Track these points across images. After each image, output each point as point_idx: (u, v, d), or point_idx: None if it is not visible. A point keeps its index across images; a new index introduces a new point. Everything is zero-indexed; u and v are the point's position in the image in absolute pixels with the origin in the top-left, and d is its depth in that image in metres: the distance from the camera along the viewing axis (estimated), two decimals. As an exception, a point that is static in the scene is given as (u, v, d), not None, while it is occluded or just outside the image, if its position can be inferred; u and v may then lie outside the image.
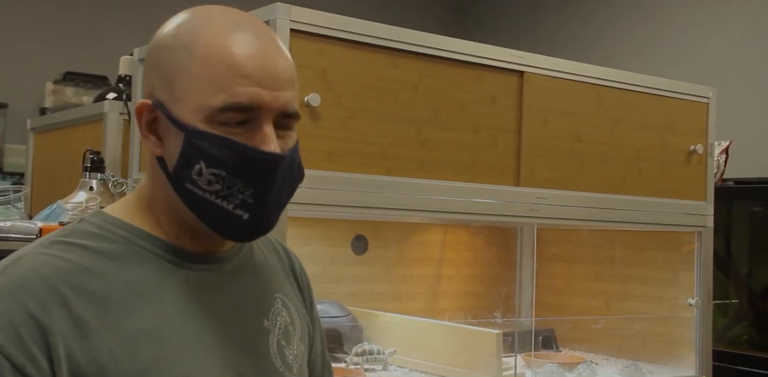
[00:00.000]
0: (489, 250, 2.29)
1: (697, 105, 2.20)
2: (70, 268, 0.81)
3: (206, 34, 0.83)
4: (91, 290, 0.80)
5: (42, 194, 2.46)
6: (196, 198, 0.84)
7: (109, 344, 0.78)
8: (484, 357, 1.85)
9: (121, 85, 2.46)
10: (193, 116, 0.82)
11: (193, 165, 0.82)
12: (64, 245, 0.83)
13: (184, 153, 0.82)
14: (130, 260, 0.85)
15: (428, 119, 1.72)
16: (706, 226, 2.19)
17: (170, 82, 0.84)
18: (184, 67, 0.83)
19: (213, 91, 0.81)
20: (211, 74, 0.82)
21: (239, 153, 0.82)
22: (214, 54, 0.82)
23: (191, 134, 0.82)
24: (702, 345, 2.16)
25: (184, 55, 0.83)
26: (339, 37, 1.60)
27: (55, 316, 0.77)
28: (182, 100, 0.83)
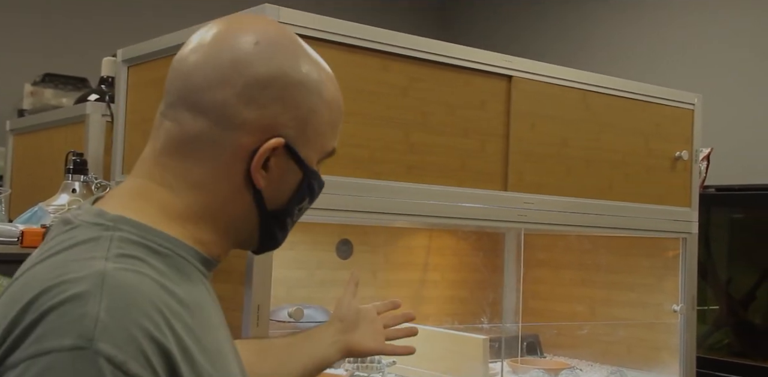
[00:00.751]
0: (475, 255, 2.28)
1: (682, 111, 2.21)
2: (155, 286, 0.74)
3: (326, 77, 0.87)
4: (175, 308, 0.74)
5: (22, 196, 2.41)
6: (284, 228, 0.90)
7: (204, 364, 0.74)
8: (470, 362, 1.84)
9: (104, 87, 2.43)
10: (313, 157, 0.87)
11: (302, 202, 0.88)
12: (131, 259, 0.75)
13: (301, 192, 0.87)
14: (181, 273, 0.79)
15: (417, 123, 1.71)
16: (691, 232, 2.20)
17: (305, 122, 0.84)
18: (318, 111, 0.85)
19: (332, 135, 0.88)
20: (334, 120, 0.87)
21: (321, 189, 0.90)
22: (335, 99, 0.87)
23: (312, 175, 0.87)
24: (686, 351, 2.16)
25: (317, 99, 0.85)
26: (328, 39, 1.58)
27: (169, 338, 0.71)
28: (312, 142, 0.85)
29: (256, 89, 0.81)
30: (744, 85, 3.61)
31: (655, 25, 4.08)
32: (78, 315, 0.67)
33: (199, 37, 0.86)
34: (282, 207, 0.86)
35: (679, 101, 2.20)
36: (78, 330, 0.66)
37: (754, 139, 3.53)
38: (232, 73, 0.81)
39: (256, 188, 0.84)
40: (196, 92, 0.82)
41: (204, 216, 0.84)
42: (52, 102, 3.45)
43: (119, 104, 1.93)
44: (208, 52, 0.83)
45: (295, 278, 2.07)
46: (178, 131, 0.83)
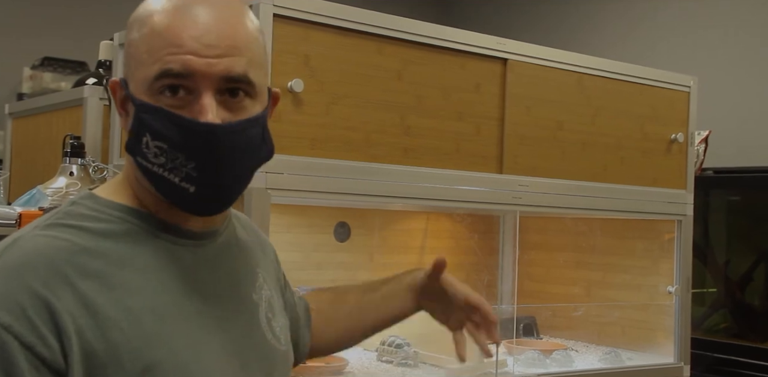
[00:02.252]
0: (471, 238, 2.29)
1: (678, 94, 2.21)
2: (70, 248, 0.81)
3: (156, 11, 0.85)
4: (93, 269, 0.80)
5: (20, 179, 2.43)
6: (148, 171, 0.84)
7: (117, 321, 0.79)
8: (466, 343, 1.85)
9: (101, 70, 2.43)
10: (139, 89, 0.84)
11: (142, 138, 0.83)
12: (61, 227, 0.83)
13: (134, 126, 0.84)
14: (128, 239, 0.85)
15: (412, 106, 1.72)
16: (686, 214, 2.21)
17: (127, 59, 0.87)
18: (134, 44, 0.85)
19: (151, 62, 0.83)
20: (151, 47, 0.83)
21: (175, 124, 0.82)
22: (156, 28, 0.84)
23: (139, 107, 0.83)
24: (681, 332, 2.18)
25: (136, 33, 0.86)
26: (323, 22, 1.59)
27: (60, 295, 0.77)
28: (134, 75, 0.85)
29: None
30: (743, 68, 3.60)
31: (651, 8, 4.06)
32: None
33: None
34: (127, 144, 0.86)
35: (674, 84, 2.20)
36: None
37: (752, 121, 3.53)
38: None
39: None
40: None
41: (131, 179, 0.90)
42: (51, 86, 3.46)
43: (116, 88, 1.93)
44: None
45: (292, 261, 2.09)
46: None
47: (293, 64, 1.54)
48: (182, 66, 0.82)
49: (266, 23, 1.49)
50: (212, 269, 0.91)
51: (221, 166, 0.83)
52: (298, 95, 1.54)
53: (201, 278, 0.89)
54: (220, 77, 0.83)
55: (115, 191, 0.90)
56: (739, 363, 2.71)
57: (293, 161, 1.53)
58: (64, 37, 3.98)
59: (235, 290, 0.94)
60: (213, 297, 0.89)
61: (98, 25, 3.53)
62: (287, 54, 1.54)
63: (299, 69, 1.55)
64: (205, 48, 0.82)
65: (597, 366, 2.05)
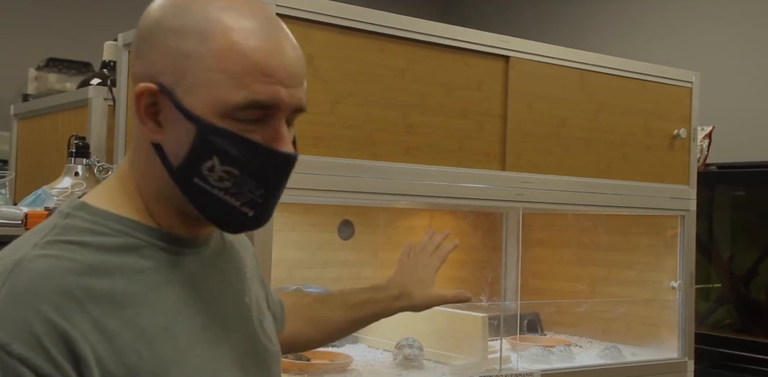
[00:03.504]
0: (475, 235, 2.30)
1: (680, 90, 2.22)
2: (76, 268, 0.76)
3: (221, 24, 0.79)
4: (101, 289, 0.77)
5: (26, 180, 2.44)
6: (203, 193, 0.82)
7: (133, 344, 0.76)
8: (469, 340, 1.86)
9: (106, 71, 2.45)
10: (208, 109, 0.79)
11: (205, 161, 0.80)
12: (61, 244, 0.78)
13: (197, 148, 0.80)
14: (130, 253, 0.81)
15: (415, 104, 1.73)
16: (689, 210, 2.21)
17: (180, 70, 0.80)
18: (197, 58, 0.79)
19: (233, 86, 0.79)
20: (229, 69, 0.78)
21: (256, 154, 0.80)
22: (233, 46, 0.79)
23: (207, 129, 0.79)
24: (685, 327, 2.19)
25: (196, 45, 0.79)
26: (325, 21, 1.59)
27: (75, 322, 0.73)
28: (195, 92, 0.79)
29: (140, 42, 0.84)
30: (746, 63, 3.59)
31: (653, 4, 4.05)
32: None
33: None
34: (182, 164, 0.81)
35: (677, 80, 2.20)
36: None
37: (756, 117, 3.52)
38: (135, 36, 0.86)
39: (155, 144, 0.82)
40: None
41: (142, 187, 0.86)
42: (56, 86, 3.46)
43: (121, 88, 1.94)
44: None
45: (297, 259, 2.10)
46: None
47: (296, 63, 1.55)
48: (272, 98, 0.80)
49: (269, 23, 1.50)
50: (210, 276, 0.89)
51: (281, 191, 0.85)
52: (300, 94, 1.54)
53: (201, 288, 0.87)
54: (295, 109, 0.83)
55: (112, 200, 0.85)
56: (743, 358, 2.71)
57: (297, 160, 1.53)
58: (68, 38, 4.00)
59: (230, 295, 0.92)
60: (215, 306, 0.88)
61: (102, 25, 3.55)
62: (290, 53, 1.54)
63: (302, 68, 1.55)
64: (289, 78, 0.81)
65: (597, 362, 2.05)
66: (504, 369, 1.86)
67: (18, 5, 4.06)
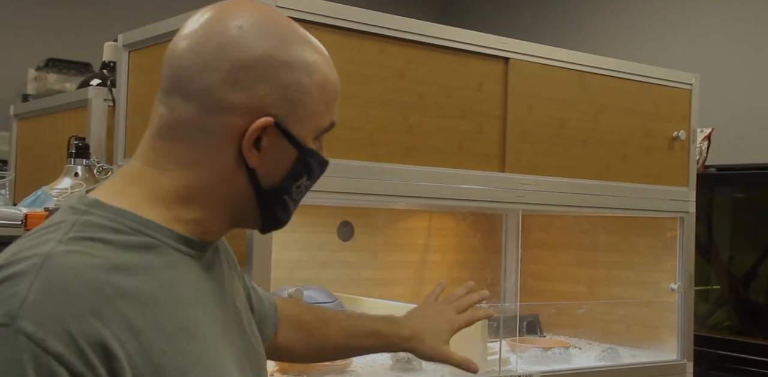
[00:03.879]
0: (474, 236, 2.30)
1: (680, 91, 2.22)
2: (104, 265, 0.77)
3: (316, 58, 0.88)
4: (128, 287, 0.77)
5: (26, 180, 2.44)
6: (283, 206, 0.91)
7: (159, 343, 0.77)
8: (469, 342, 1.86)
9: (105, 72, 2.45)
10: (309, 135, 0.89)
11: (299, 180, 0.90)
12: (86, 241, 0.78)
13: (297, 169, 0.89)
14: (150, 252, 0.82)
15: (414, 105, 1.73)
16: (688, 212, 2.21)
17: (294, 102, 0.86)
18: (308, 91, 0.87)
19: (326, 112, 0.90)
20: (327, 99, 0.89)
21: (324, 167, 0.92)
22: (327, 80, 0.89)
23: (307, 153, 0.88)
24: (684, 329, 2.19)
25: (306, 79, 0.86)
26: (325, 23, 1.59)
27: (107, 320, 0.74)
28: (304, 121, 0.87)
29: (240, 72, 0.83)
30: (746, 65, 3.60)
31: (652, 6, 4.06)
32: (9, 294, 0.72)
33: (188, 25, 0.88)
34: (278, 185, 0.88)
35: (676, 81, 2.20)
36: (6, 308, 0.71)
37: (755, 118, 3.53)
38: (217, 58, 0.84)
39: (250, 167, 0.86)
40: (185, 79, 0.85)
41: (193, 197, 0.86)
42: (55, 87, 3.46)
43: (120, 89, 1.94)
44: (194, 39, 0.86)
45: (297, 260, 2.10)
46: (171, 116, 0.86)
47: (296, 64, 1.55)
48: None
49: (268, 24, 1.50)
50: (210, 279, 0.90)
51: None
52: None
53: (206, 290, 0.89)
54: None
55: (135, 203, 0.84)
56: (743, 360, 2.71)
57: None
58: (68, 39, 4.00)
59: (226, 298, 0.94)
60: (216, 308, 0.89)
61: (101, 26, 3.55)
62: (290, 54, 1.54)
63: (302, 69, 1.55)
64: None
65: (594, 364, 2.05)
66: (503, 371, 1.85)
67: (18, 5, 4.07)
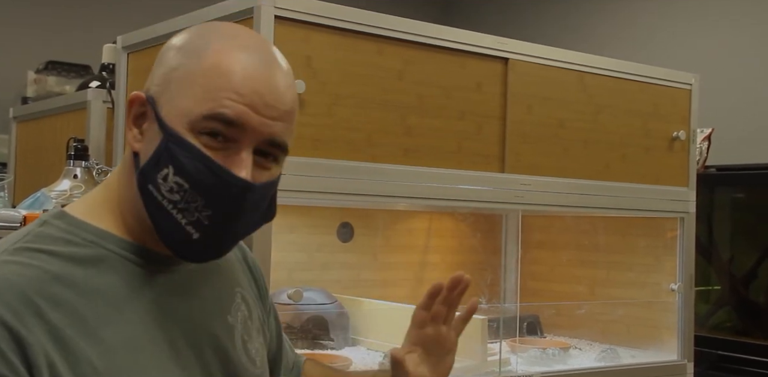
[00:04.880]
0: (474, 237, 2.30)
1: (679, 92, 2.22)
2: (41, 277, 0.77)
3: (219, 47, 0.83)
4: (64, 299, 0.77)
5: (25, 183, 2.44)
6: (154, 201, 0.82)
7: (88, 355, 0.76)
8: (469, 342, 1.86)
9: (104, 74, 2.45)
10: (178, 119, 0.81)
11: (162, 168, 0.81)
12: (30, 252, 0.80)
13: (157, 153, 0.81)
14: (100, 265, 0.82)
15: (413, 106, 1.73)
16: (689, 212, 2.21)
17: (167, 81, 0.83)
18: (185, 72, 0.83)
19: (204, 99, 0.81)
20: (208, 84, 0.81)
21: (208, 169, 0.80)
22: (218, 65, 0.82)
23: (170, 136, 0.81)
24: (684, 329, 2.18)
25: (189, 60, 0.83)
26: (324, 24, 1.59)
27: (31, 328, 0.74)
28: (173, 102, 0.82)
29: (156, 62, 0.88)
30: (746, 66, 3.60)
31: (651, 6, 4.06)
32: None
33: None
34: (142, 168, 0.82)
35: (676, 81, 2.20)
36: None
37: (755, 119, 3.52)
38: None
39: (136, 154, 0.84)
40: None
41: (122, 199, 0.87)
42: (55, 89, 3.47)
43: (119, 91, 1.94)
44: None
45: (296, 261, 2.09)
46: None
47: (294, 65, 1.51)
48: (237, 115, 0.80)
49: (267, 25, 1.50)
50: (185, 294, 0.88)
51: (234, 221, 0.83)
52: (299, 96, 1.54)
53: (173, 305, 0.86)
54: (265, 139, 0.83)
55: (90, 211, 0.86)
56: (743, 361, 2.71)
57: (295, 162, 1.54)
58: (67, 41, 4.00)
59: (209, 315, 0.91)
60: (185, 324, 0.87)
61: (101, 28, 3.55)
62: (288, 55, 1.52)
63: (301, 70, 1.55)
64: (264, 107, 0.82)
65: (594, 364, 2.05)
66: (503, 372, 1.85)
67: (17, 8, 4.07)
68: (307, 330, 1.92)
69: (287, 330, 1.89)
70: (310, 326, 1.93)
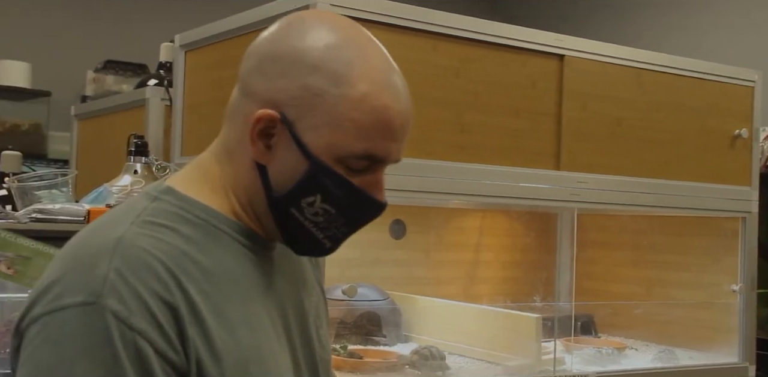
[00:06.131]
0: (528, 235, 2.28)
1: (741, 89, 2.16)
2: (173, 251, 0.79)
3: (361, 74, 0.81)
4: (194, 274, 0.79)
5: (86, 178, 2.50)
6: (295, 222, 0.85)
7: (218, 331, 0.78)
8: (523, 341, 1.85)
9: (162, 72, 2.49)
10: (325, 150, 0.81)
11: (308, 196, 0.83)
12: (157, 227, 0.81)
13: (305, 183, 0.83)
14: (215, 244, 0.84)
15: (468, 103, 1.72)
16: (751, 211, 2.16)
17: (310, 107, 0.81)
18: (332, 101, 0.81)
19: (357, 137, 0.81)
20: (360, 120, 0.81)
21: (357, 199, 0.84)
22: (369, 102, 0.81)
23: (320, 168, 0.82)
24: (746, 331, 2.13)
25: (333, 89, 0.81)
26: (379, 21, 1.60)
27: (178, 299, 0.76)
28: (320, 131, 0.81)
29: (267, 62, 0.84)
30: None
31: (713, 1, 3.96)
32: (91, 275, 0.75)
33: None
34: (286, 193, 0.83)
35: (737, 78, 2.15)
36: (89, 288, 0.74)
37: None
38: (257, 47, 0.86)
39: (260, 164, 0.85)
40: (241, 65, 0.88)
41: (234, 186, 0.88)
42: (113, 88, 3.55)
43: (177, 88, 1.98)
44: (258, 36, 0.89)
45: (348, 258, 2.10)
46: (230, 101, 0.89)
47: (350, 62, 1.55)
48: (386, 154, 0.83)
49: (323, 22, 1.51)
50: (277, 277, 0.91)
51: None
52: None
53: (271, 287, 0.89)
54: (397, 161, 0.87)
55: (194, 188, 0.87)
56: (806, 365, 2.63)
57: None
58: (125, 41, 4.09)
59: (293, 298, 0.93)
60: (280, 307, 0.89)
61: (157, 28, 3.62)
62: (344, 52, 1.55)
63: (356, 67, 1.55)
64: (403, 134, 0.85)
65: (650, 366, 2.02)
66: (558, 371, 1.83)
67: (77, 10, 4.17)
68: (361, 325, 1.93)
69: (340, 325, 1.90)
70: (364, 321, 1.93)
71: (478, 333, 1.89)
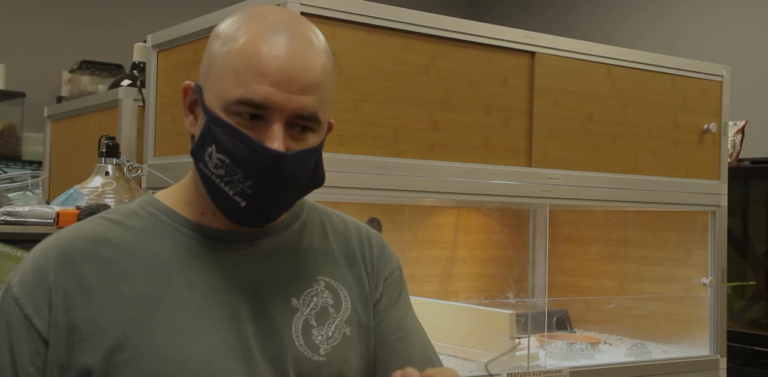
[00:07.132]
0: (502, 232, 2.29)
1: (710, 84, 2.19)
2: (90, 237, 0.92)
3: (246, 31, 0.90)
4: (101, 256, 0.91)
5: (59, 180, 2.49)
6: (206, 178, 0.92)
7: (104, 302, 0.89)
8: (497, 337, 1.86)
9: (135, 72, 2.48)
10: (215, 103, 0.89)
11: (207, 147, 0.90)
12: (100, 220, 0.95)
13: (203, 135, 0.91)
14: (149, 233, 0.94)
15: (439, 101, 1.73)
16: (720, 205, 2.18)
17: (209, 68, 0.92)
18: (220, 58, 0.90)
19: (235, 84, 0.88)
20: (236, 68, 0.88)
21: (243, 144, 0.88)
22: (244, 50, 0.89)
23: (211, 118, 0.89)
24: (716, 324, 2.16)
25: (223, 47, 0.90)
26: (349, 19, 1.60)
27: (61, 276, 0.89)
28: (213, 87, 0.90)
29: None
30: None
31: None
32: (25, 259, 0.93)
33: None
34: (192, 149, 0.93)
35: (706, 73, 2.17)
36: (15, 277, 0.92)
37: (791, 111, 3.46)
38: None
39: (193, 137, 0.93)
40: None
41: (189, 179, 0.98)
42: (89, 88, 3.53)
43: (150, 89, 1.97)
44: None
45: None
46: None
47: (320, 61, 1.55)
48: (263, 98, 0.87)
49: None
50: (241, 270, 0.94)
51: (275, 188, 0.90)
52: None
53: (222, 278, 0.93)
54: (293, 113, 0.89)
55: (169, 193, 0.99)
56: (778, 356, 2.67)
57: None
58: (100, 41, 4.06)
59: (266, 293, 0.94)
60: (231, 296, 0.92)
61: (133, 28, 3.60)
62: (314, 52, 1.55)
63: (326, 66, 1.56)
64: (287, 81, 0.88)
65: (623, 360, 2.04)
66: (532, 367, 1.85)
67: (52, 10, 4.14)
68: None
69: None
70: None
71: (452, 330, 1.90)
